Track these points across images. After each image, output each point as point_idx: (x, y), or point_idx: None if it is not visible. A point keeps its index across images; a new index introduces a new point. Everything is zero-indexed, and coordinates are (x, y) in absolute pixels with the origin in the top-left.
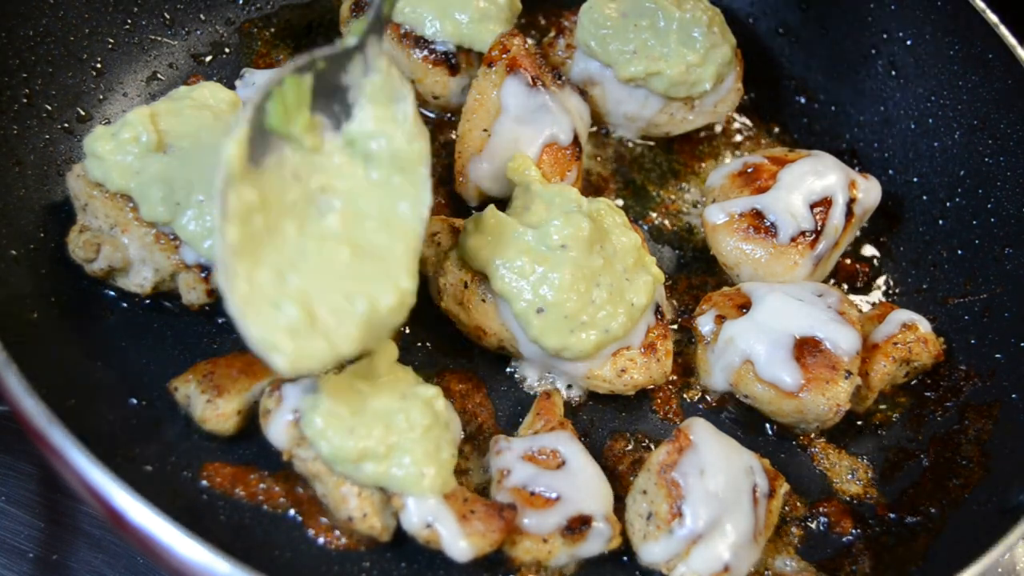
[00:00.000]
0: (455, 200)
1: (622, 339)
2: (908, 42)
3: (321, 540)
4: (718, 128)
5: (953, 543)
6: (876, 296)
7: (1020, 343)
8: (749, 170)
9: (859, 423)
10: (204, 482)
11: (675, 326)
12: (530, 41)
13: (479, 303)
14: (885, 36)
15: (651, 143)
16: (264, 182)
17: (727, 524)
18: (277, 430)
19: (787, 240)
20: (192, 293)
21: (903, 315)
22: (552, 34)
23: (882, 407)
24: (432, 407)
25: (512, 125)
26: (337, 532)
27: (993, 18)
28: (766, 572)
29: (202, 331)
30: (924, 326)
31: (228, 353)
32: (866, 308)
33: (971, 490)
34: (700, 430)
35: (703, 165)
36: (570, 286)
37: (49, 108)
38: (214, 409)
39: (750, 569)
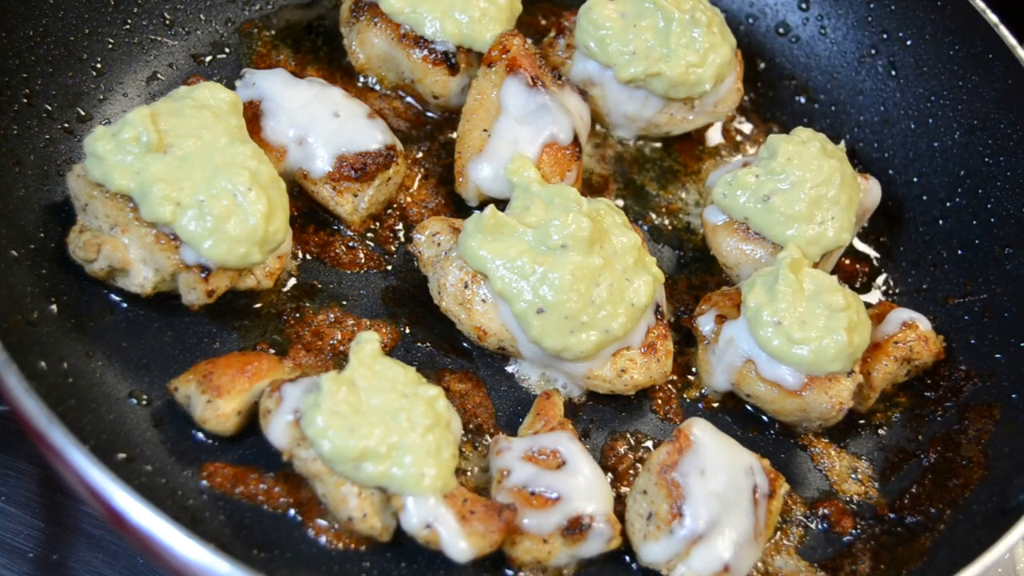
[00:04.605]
0: (455, 200)
1: (622, 339)
2: (908, 42)
3: (321, 540)
4: (718, 128)
5: (953, 543)
6: (876, 296)
7: (1020, 343)
8: None
9: (859, 423)
10: (204, 482)
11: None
12: (530, 41)
13: (479, 303)
14: (885, 36)
15: (651, 143)
16: None
17: (727, 524)
18: (277, 430)
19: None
20: (192, 293)
21: (903, 314)
22: (552, 34)
23: (882, 407)
24: (434, 407)
25: (512, 125)
26: (337, 532)
27: (993, 18)
28: (766, 572)
29: (202, 331)
30: (924, 324)
31: (228, 353)
32: None
33: (971, 490)
34: (700, 430)
35: (703, 165)
36: (570, 286)
37: (49, 108)
38: (214, 409)
39: (750, 569)
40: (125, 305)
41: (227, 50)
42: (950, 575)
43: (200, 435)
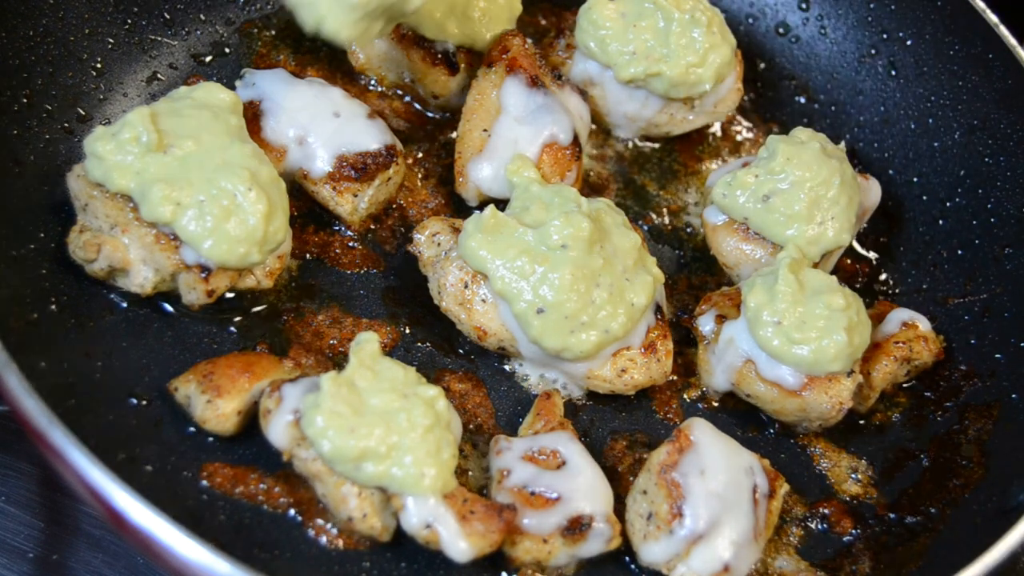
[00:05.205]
0: (455, 200)
1: (622, 339)
2: (908, 42)
3: (321, 540)
4: (718, 128)
5: (953, 543)
6: (876, 296)
7: (1020, 343)
8: None
9: (859, 423)
10: (204, 482)
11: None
12: (530, 41)
13: (479, 303)
14: (885, 36)
15: (651, 143)
16: None
17: (727, 524)
18: (277, 430)
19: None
20: (192, 293)
21: (903, 314)
22: (552, 34)
23: (882, 407)
24: (433, 407)
25: (512, 125)
26: (337, 532)
27: (993, 18)
28: (766, 572)
29: (202, 331)
30: (924, 324)
31: (228, 353)
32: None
33: (971, 490)
34: (700, 430)
35: (703, 165)
36: (570, 286)
37: (49, 108)
38: (214, 409)
39: (750, 569)
40: (125, 305)
41: (227, 50)
42: (950, 575)
43: (200, 435)
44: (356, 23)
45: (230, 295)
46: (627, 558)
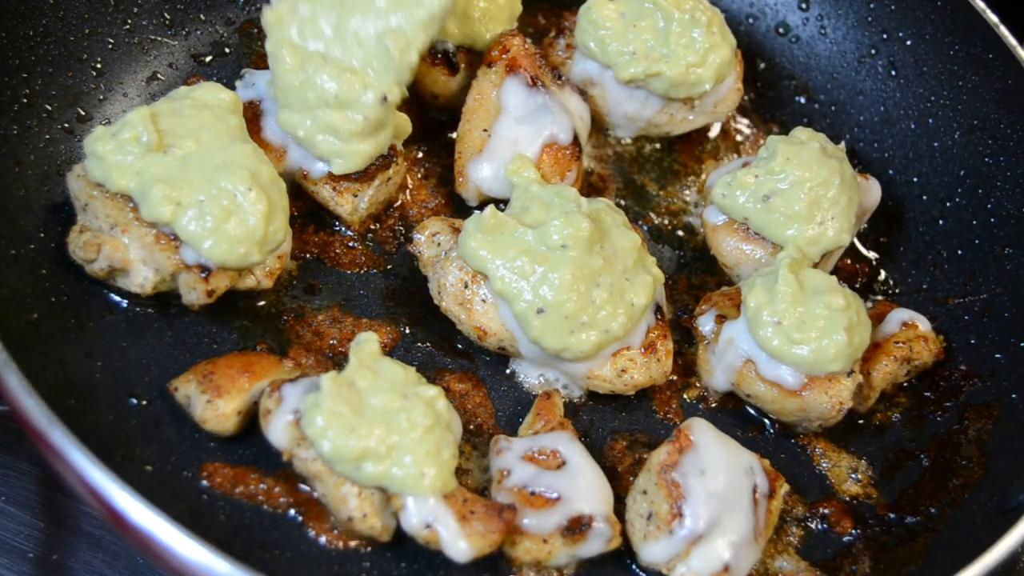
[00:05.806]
0: (455, 200)
1: (622, 339)
2: (908, 42)
3: (321, 540)
4: (718, 128)
5: (953, 543)
6: (876, 296)
7: (1020, 343)
8: None
9: (859, 423)
10: (204, 482)
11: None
12: (530, 41)
13: (479, 303)
14: (885, 36)
15: (651, 143)
16: None
17: (727, 524)
18: (277, 430)
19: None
20: (192, 293)
21: (903, 314)
22: (552, 34)
23: (882, 407)
24: (433, 407)
25: (512, 125)
26: (337, 532)
27: (993, 18)
28: (766, 572)
29: (202, 331)
30: (924, 324)
31: (228, 353)
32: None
33: (971, 490)
34: (700, 430)
35: (703, 165)
36: (570, 286)
37: (49, 108)
38: (214, 409)
39: (750, 569)
40: (125, 305)
41: (227, 50)
42: (950, 575)
43: (200, 435)
44: (362, 155)
45: (230, 295)
46: (627, 558)
